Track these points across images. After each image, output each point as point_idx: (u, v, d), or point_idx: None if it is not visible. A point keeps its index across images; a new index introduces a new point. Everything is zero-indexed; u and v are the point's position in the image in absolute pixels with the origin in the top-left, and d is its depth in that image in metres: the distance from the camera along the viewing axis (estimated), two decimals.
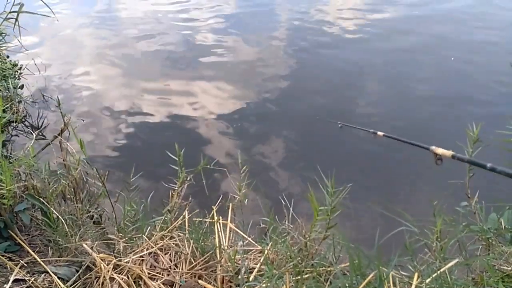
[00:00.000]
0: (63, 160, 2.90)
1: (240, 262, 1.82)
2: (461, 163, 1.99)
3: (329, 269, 1.64)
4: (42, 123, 4.95)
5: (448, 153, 1.25)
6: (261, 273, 1.71)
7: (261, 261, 1.79)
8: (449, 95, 5.21)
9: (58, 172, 2.34)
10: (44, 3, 3.55)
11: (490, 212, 1.86)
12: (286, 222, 2.16)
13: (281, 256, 1.75)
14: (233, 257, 1.75)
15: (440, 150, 1.28)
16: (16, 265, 1.82)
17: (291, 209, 2.24)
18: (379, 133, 1.74)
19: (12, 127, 4.85)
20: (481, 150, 1.96)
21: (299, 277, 1.41)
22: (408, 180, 3.81)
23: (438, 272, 1.40)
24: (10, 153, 3.90)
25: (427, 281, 1.37)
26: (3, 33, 4.08)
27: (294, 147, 4.35)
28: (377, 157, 4.14)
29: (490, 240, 1.78)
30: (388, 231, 1.55)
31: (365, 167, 3.98)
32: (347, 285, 1.31)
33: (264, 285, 1.40)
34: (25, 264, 1.85)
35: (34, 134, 4.13)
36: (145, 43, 7.29)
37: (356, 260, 1.31)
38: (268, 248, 1.76)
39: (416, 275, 1.38)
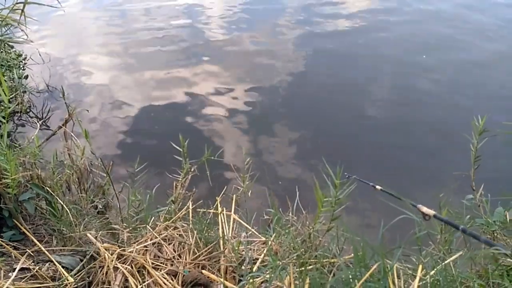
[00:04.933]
0: (68, 150, 2.91)
1: (243, 252, 1.82)
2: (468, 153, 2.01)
3: (332, 260, 1.64)
4: (47, 113, 4.96)
5: (431, 212, 1.44)
6: (265, 263, 1.71)
7: (264, 252, 1.79)
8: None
9: (64, 162, 2.34)
10: None
11: (495, 206, 1.85)
12: (290, 214, 2.15)
13: (285, 247, 1.75)
14: (236, 248, 1.75)
15: (424, 209, 1.47)
16: (21, 254, 1.83)
17: (297, 199, 2.23)
18: (378, 187, 1.92)
19: (17, 117, 4.86)
20: (488, 141, 1.95)
21: (302, 268, 1.41)
22: (414, 172, 3.79)
23: (443, 264, 1.39)
24: (15, 143, 3.92)
25: (431, 273, 1.36)
26: (9, 24, 4.07)
27: (300, 139, 4.32)
28: (384, 150, 4.12)
29: (495, 234, 1.77)
30: (393, 223, 1.54)
31: (372, 160, 3.96)
32: (350, 276, 1.31)
33: (268, 276, 1.40)
34: (31, 253, 1.86)
35: (38, 124, 4.14)
36: (151, 35, 7.24)
37: (360, 251, 1.30)
38: (271, 239, 1.75)
39: (420, 267, 1.37)
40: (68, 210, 2.06)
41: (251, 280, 1.46)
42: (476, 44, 6.21)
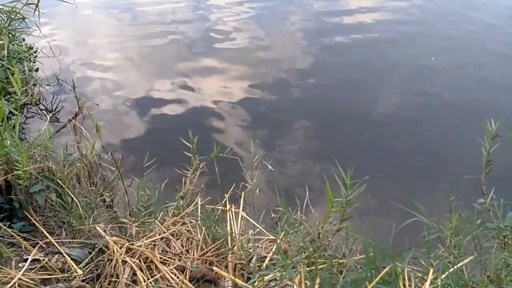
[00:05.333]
0: (77, 143, 2.93)
1: (251, 250, 1.82)
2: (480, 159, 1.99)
3: (341, 261, 1.63)
4: (57, 106, 4.98)
5: None
6: (273, 262, 1.71)
7: (273, 250, 1.79)
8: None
9: (74, 155, 2.36)
10: None
11: (506, 210, 1.83)
12: (299, 213, 2.15)
13: (293, 246, 1.75)
14: (245, 245, 1.75)
15: None
16: (31, 245, 1.84)
17: (306, 197, 2.23)
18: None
19: (27, 110, 4.89)
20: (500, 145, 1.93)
21: (312, 267, 1.41)
22: (426, 175, 3.76)
23: (454, 268, 1.38)
24: (25, 135, 3.95)
25: (442, 276, 1.35)
26: (23, 17, 4.11)
27: (310, 138, 4.31)
28: (395, 151, 4.10)
29: (506, 239, 1.75)
30: (404, 226, 1.54)
31: (382, 161, 3.94)
32: (361, 278, 1.30)
33: (278, 274, 1.40)
34: (43, 245, 1.87)
35: (48, 116, 4.17)
36: (162, 31, 7.27)
37: (370, 253, 1.29)
38: (280, 237, 1.75)
39: (431, 270, 1.36)
40: (78, 203, 2.07)
41: (260, 278, 1.46)
42: (487, 50, 6.15)
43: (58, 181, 2.12)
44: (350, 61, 6.04)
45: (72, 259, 1.83)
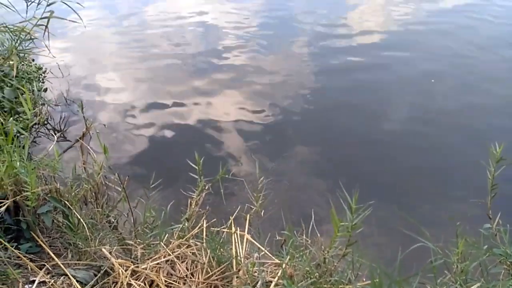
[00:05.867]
0: (83, 164, 2.96)
1: (256, 274, 1.81)
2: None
3: (347, 287, 1.63)
4: (64, 126, 5.04)
5: None
6: (279, 287, 1.70)
7: (278, 275, 1.78)
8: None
9: (82, 176, 2.38)
10: (72, 9, 3.67)
11: None
12: (304, 236, 2.15)
13: (298, 271, 1.74)
14: (251, 269, 1.74)
15: None
16: (37, 267, 1.85)
17: (312, 222, 2.23)
18: None
19: (34, 129, 4.95)
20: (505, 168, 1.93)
21: None
22: (431, 199, 3.74)
23: None
24: (32, 155, 3.99)
25: None
26: (33, 38, 4.20)
27: (316, 161, 4.31)
28: (401, 176, 4.10)
29: None
30: (410, 251, 1.53)
31: (388, 185, 3.93)
32: None
33: None
34: (49, 268, 1.88)
35: (55, 136, 4.21)
36: (170, 53, 7.38)
37: (377, 279, 1.29)
38: (286, 261, 1.75)
39: None
40: (84, 224, 2.08)
41: None
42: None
43: (66, 202, 2.13)
44: (353, 83, 6.08)
45: (77, 281, 1.83)
